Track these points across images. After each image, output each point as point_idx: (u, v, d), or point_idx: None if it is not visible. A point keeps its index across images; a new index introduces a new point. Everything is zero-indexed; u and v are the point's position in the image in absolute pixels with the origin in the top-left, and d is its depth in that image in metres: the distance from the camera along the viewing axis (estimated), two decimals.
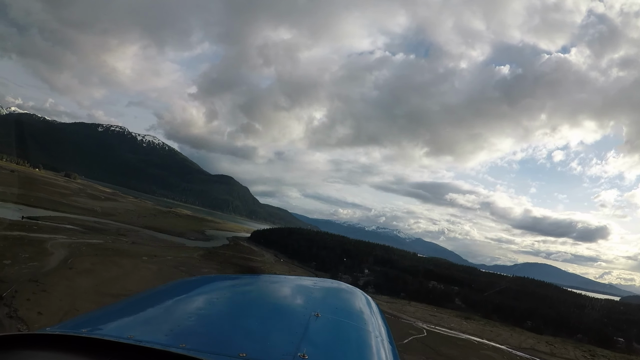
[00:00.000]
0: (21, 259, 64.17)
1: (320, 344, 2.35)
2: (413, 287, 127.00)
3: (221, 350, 1.93)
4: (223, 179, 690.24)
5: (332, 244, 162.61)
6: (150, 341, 1.92)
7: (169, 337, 2.06)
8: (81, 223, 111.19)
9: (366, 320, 3.20)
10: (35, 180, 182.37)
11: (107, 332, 2.15)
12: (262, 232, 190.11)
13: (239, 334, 2.30)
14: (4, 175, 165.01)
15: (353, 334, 2.82)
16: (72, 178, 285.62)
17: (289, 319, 2.70)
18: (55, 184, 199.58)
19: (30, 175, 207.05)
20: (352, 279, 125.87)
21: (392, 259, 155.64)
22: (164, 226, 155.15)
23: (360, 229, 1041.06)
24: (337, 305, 3.46)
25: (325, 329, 2.66)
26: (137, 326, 2.34)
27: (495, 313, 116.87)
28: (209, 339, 2.15)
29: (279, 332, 2.43)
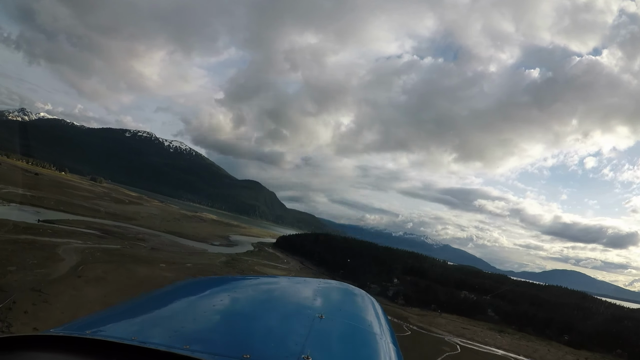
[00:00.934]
0: (28, 266, 60.47)
1: (324, 346, 2.37)
2: (444, 298, 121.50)
3: (225, 351, 1.95)
4: (250, 184, 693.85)
5: (360, 251, 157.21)
6: (154, 342, 1.94)
7: (173, 339, 2.08)
8: (100, 227, 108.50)
9: (370, 321, 3.23)
10: (58, 184, 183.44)
11: (111, 333, 2.17)
12: (288, 238, 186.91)
13: (243, 336, 2.31)
14: (27, 178, 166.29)
15: (357, 336, 2.85)
16: (97, 182, 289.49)
17: (293, 321, 2.71)
18: (78, 187, 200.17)
19: (54, 178, 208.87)
20: (381, 288, 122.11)
21: (422, 268, 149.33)
22: (187, 231, 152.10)
23: (387, 235, 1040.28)
24: (341, 307, 3.50)
25: (329, 330, 2.66)
26: (141, 327, 2.38)
27: (529, 325, 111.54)
28: (213, 340, 2.18)
29: (283, 333, 2.46)
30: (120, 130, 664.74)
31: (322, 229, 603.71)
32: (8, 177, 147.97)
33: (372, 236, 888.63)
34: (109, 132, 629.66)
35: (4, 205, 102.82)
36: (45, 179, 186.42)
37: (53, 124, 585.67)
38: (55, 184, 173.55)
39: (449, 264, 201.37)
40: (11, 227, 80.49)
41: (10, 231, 77.17)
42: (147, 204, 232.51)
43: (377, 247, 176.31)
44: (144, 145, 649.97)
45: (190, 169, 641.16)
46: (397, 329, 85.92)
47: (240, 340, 2.22)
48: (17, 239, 72.46)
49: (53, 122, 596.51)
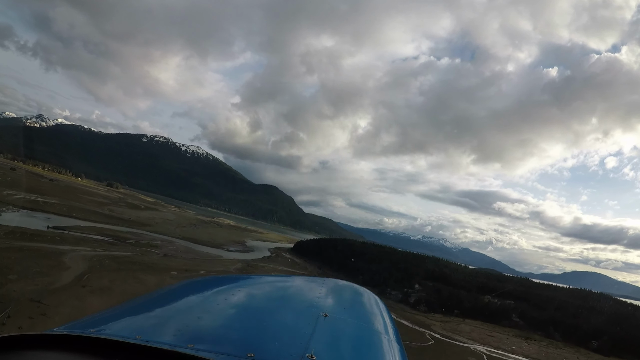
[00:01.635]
0: (30, 274, 57.79)
1: (328, 344, 2.39)
2: (467, 304, 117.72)
3: (229, 350, 1.97)
4: (267, 189, 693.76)
5: (380, 256, 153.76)
6: (158, 341, 1.96)
7: (177, 338, 2.10)
8: (112, 233, 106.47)
9: (374, 320, 3.28)
10: (73, 190, 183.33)
11: (115, 332, 2.20)
12: (305, 243, 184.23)
13: (247, 334, 2.33)
14: (41, 184, 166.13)
15: (361, 334, 2.88)
16: (114, 187, 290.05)
17: (297, 319, 2.74)
18: (93, 192, 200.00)
19: (69, 184, 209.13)
20: (402, 295, 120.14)
21: (444, 273, 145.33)
22: (202, 237, 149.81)
23: (406, 239, 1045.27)
24: (345, 305, 3.55)
25: (334, 329, 2.69)
26: (145, 326, 2.40)
27: (556, 331, 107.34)
28: (217, 339, 2.20)
29: (287, 332, 2.48)
30: (137, 136, 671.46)
31: (340, 233, 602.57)
32: (22, 183, 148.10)
33: (391, 240, 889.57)
34: (125, 138, 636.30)
35: (14, 211, 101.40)
36: (60, 185, 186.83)
37: (70, 130, 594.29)
38: (69, 190, 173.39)
39: (470, 267, 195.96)
40: (18, 234, 78.63)
41: (16, 238, 75.26)
42: (163, 209, 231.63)
43: (397, 251, 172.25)
44: (161, 150, 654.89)
45: (207, 173, 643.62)
46: (420, 338, 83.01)
47: (244, 339, 2.23)
48: (22, 246, 70.27)
49: (70, 128, 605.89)
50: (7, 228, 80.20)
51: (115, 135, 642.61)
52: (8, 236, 75.24)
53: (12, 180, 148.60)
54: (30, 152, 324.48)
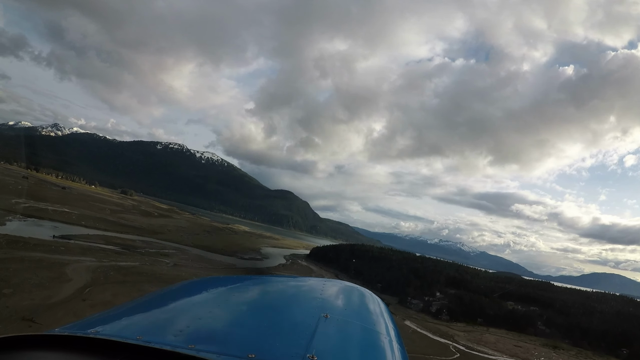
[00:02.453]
0: (27, 287, 54.22)
1: (329, 345, 2.41)
2: (490, 311, 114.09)
3: (230, 351, 1.99)
4: (283, 194, 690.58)
5: (398, 262, 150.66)
6: (159, 342, 1.98)
7: (178, 338, 2.11)
8: (121, 242, 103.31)
9: (375, 321, 3.32)
10: (85, 197, 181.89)
11: (115, 332, 2.21)
12: (321, 249, 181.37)
13: (248, 335, 2.35)
14: (53, 192, 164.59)
15: (362, 335, 2.90)
16: (128, 194, 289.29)
17: (298, 320, 2.77)
18: (106, 200, 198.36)
19: (82, 192, 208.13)
20: (423, 304, 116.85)
21: (465, 279, 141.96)
22: (216, 244, 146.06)
23: (423, 242, 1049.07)
24: (346, 306, 3.56)
25: (335, 330, 2.72)
26: (145, 327, 2.40)
27: (584, 339, 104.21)
28: (218, 339, 2.22)
29: (288, 333, 2.49)
30: (152, 143, 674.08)
31: (356, 238, 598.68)
32: (32, 191, 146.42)
33: (407, 244, 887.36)
34: (140, 145, 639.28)
35: (20, 220, 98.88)
36: (72, 193, 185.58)
37: (85, 138, 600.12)
38: (81, 198, 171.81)
39: (489, 271, 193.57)
40: (20, 243, 75.61)
41: (18, 248, 72.25)
42: (177, 216, 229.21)
43: (416, 257, 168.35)
44: (176, 157, 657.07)
45: (222, 180, 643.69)
46: (444, 352, 79.17)
47: (245, 339, 2.25)
48: (23, 257, 66.92)
49: (85, 137, 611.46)
50: (10, 237, 77.44)
51: (130, 143, 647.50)
52: (9, 246, 72.37)
53: (23, 188, 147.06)
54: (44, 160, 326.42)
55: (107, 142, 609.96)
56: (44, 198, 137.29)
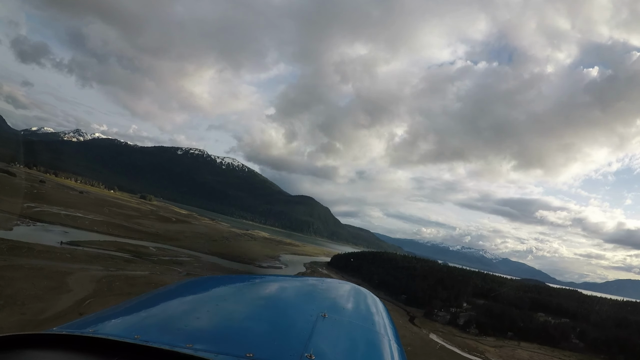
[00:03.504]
0: (20, 300, 49.51)
1: (327, 344, 2.41)
2: (521, 324, 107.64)
3: (228, 350, 1.99)
4: (304, 200, 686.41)
5: (422, 271, 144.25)
6: (157, 341, 1.98)
7: (176, 337, 2.11)
8: (133, 249, 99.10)
9: (373, 320, 3.36)
10: (102, 202, 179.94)
11: (113, 332, 2.21)
12: (343, 257, 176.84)
13: (246, 334, 2.36)
14: (69, 196, 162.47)
15: (360, 335, 2.92)
16: (147, 199, 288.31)
17: (296, 319, 2.78)
18: (123, 205, 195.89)
19: (99, 196, 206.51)
20: (451, 316, 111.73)
21: (492, 288, 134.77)
22: (234, 251, 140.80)
23: (445, 249, 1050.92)
24: (344, 306, 3.58)
25: (333, 329, 2.73)
26: (143, 326, 2.41)
27: (621, 353, 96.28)
28: (216, 339, 2.21)
29: (286, 332, 2.51)
30: (172, 149, 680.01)
31: (378, 245, 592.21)
32: (47, 195, 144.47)
33: (429, 251, 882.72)
34: (161, 151, 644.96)
35: (29, 225, 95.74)
36: (89, 197, 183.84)
37: (106, 143, 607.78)
38: (98, 203, 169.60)
39: (513, 278, 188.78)
40: (24, 250, 71.68)
41: (20, 255, 68.20)
42: (196, 222, 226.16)
43: (441, 266, 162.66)
44: (196, 162, 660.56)
45: (243, 185, 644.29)
46: None
47: (243, 338, 2.26)
48: (22, 265, 62.67)
49: (106, 142, 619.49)
50: (13, 243, 73.77)
51: (151, 149, 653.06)
52: (11, 252, 68.42)
53: (38, 192, 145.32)
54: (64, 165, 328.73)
55: (128, 148, 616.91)
56: (58, 202, 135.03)
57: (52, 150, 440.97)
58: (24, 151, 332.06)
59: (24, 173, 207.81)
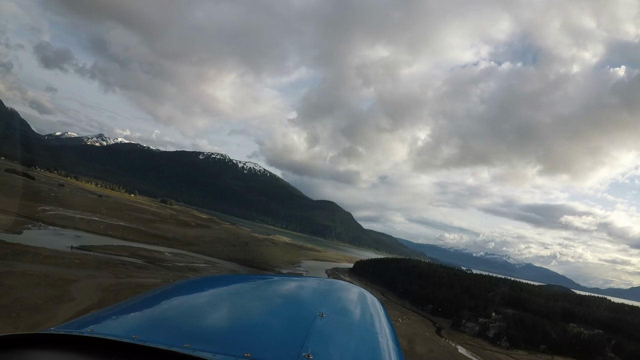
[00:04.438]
0: (16, 310, 45.93)
1: (325, 344, 2.43)
2: (554, 335, 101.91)
3: (226, 350, 1.99)
4: (325, 205, 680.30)
5: (449, 278, 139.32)
6: (155, 341, 1.98)
7: (174, 337, 2.11)
8: (147, 254, 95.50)
9: (371, 320, 3.37)
10: (121, 206, 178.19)
11: (111, 331, 2.21)
12: (366, 263, 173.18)
13: (244, 334, 2.36)
14: (88, 200, 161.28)
15: (358, 334, 2.94)
16: (167, 204, 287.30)
17: (294, 319, 2.80)
18: (142, 209, 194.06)
19: (119, 200, 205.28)
20: (480, 327, 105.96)
21: (522, 297, 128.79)
22: (253, 257, 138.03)
23: (468, 255, 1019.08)
24: (342, 305, 3.63)
25: (330, 329, 2.74)
26: (141, 326, 2.41)
27: None
28: (214, 338, 2.22)
29: (284, 332, 2.52)
30: (194, 153, 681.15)
31: (400, 250, 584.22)
32: (64, 198, 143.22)
33: (452, 257, 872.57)
34: (182, 155, 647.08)
35: (40, 228, 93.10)
36: (107, 201, 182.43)
37: (128, 148, 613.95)
38: (116, 207, 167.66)
39: (540, 285, 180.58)
40: (30, 255, 68.48)
41: (24, 260, 65.05)
42: (216, 226, 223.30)
43: (467, 274, 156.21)
44: (218, 167, 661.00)
45: (264, 190, 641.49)
46: None
47: (241, 338, 2.26)
48: (25, 271, 59.24)
49: (128, 147, 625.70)
50: (20, 247, 70.83)
51: (172, 153, 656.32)
52: (15, 257, 65.34)
53: (55, 196, 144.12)
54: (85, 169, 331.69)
55: (150, 152, 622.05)
56: (75, 206, 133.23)
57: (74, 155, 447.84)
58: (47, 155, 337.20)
59: (43, 176, 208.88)
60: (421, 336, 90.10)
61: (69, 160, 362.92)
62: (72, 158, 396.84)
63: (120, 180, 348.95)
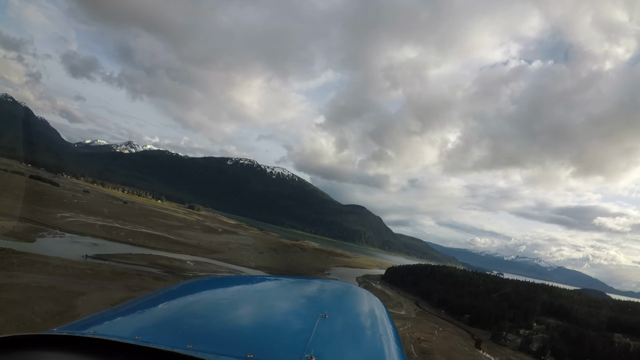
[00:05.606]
0: (9, 330, 40.05)
1: (328, 345, 2.44)
2: (602, 349, 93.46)
3: (228, 351, 2.02)
4: (355, 209, 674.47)
5: (484, 286, 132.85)
6: (158, 342, 2.00)
7: (176, 338, 2.13)
8: (167, 263, 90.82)
9: (374, 321, 3.34)
10: (146, 212, 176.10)
11: (114, 333, 2.22)
12: (398, 270, 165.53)
13: (246, 335, 2.39)
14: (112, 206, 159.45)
15: (361, 335, 2.94)
16: (195, 209, 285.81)
17: (297, 320, 2.81)
18: (168, 215, 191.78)
19: (144, 206, 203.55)
20: (522, 340, 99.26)
21: (563, 305, 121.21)
22: (280, 265, 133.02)
23: (499, 259, 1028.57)
24: (344, 306, 3.67)
25: (333, 329, 2.76)
26: (144, 327, 2.42)
27: None
28: (216, 340, 2.23)
29: (287, 333, 2.54)
30: (222, 159, 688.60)
31: (431, 255, 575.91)
32: (87, 205, 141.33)
33: (483, 261, 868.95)
34: (210, 161, 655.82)
35: (55, 236, 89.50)
36: (133, 207, 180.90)
37: (157, 155, 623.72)
38: (140, 213, 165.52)
39: (574, 289, 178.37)
40: (38, 265, 64.14)
41: (30, 271, 60.80)
42: (244, 232, 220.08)
43: (504, 281, 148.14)
44: (246, 172, 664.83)
45: (293, 195, 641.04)
46: None
47: (243, 339, 2.28)
48: (29, 284, 54.86)
49: (157, 153, 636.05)
50: (29, 257, 66.77)
51: (201, 159, 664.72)
52: (21, 268, 61.14)
53: (78, 202, 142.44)
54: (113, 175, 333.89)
55: (179, 159, 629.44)
56: (96, 212, 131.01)
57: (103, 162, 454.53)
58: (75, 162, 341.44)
59: (69, 183, 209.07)
60: (459, 351, 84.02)
61: (97, 167, 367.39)
62: (101, 165, 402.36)
63: (148, 186, 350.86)
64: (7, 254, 65.67)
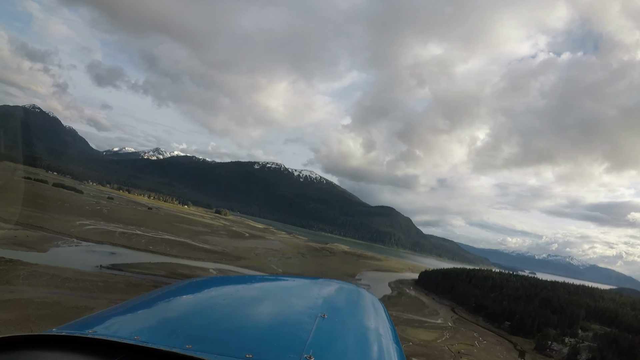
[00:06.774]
0: None
1: (327, 345, 2.45)
2: None
3: (227, 351, 2.03)
4: (384, 211, 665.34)
5: (523, 289, 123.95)
6: (157, 342, 2.01)
7: (176, 338, 2.14)
8: (188, 272, 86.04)
9: (373, 321, 3.35)
10: (171, 218, 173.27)
11: (113, 333, 2.24)
12: (432, 274, 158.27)
13: (246, 335, 2.40)
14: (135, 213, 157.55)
15: (360, 335, 2.95)
16: (222, 214, 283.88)
17: (296, 320, 2.81)
18: (193, 221, 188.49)
19: (169, 212, 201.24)
20: (569, 350, 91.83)
21: (609, 309, 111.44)
22: (308, 270, 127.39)
23: (530, 258, 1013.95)
24: (343, 306, 3.70)
25: (332, 329, 2.77)
26: (143, 327, 2.43)
27: None
28: (215, 340, 2.24)
29: (286, 333, 2.55)
30: (249, 163, 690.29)
31: (462, 256, 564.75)
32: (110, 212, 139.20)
33: (515, 260, 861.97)
34: (237, 166, 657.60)
35: (71, 245, 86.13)
36: (157, 213, 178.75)
37: (184, 160, 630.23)
38: (164, 219, 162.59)
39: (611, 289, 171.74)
40: (45, 278, 59.80)
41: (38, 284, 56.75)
42: (271, 236, 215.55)
43: (545, 283, 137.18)
44: (274, 176, 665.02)
45: (321, 197, 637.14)
46: None
47: (242, 339, 2.29)
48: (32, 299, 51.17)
49: (184, 159, 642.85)
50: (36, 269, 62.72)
51: (228, 164, 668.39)
52: (28, 280, 57.14)
53: (100, 209, 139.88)
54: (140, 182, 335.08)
55: (206, 164, 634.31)
56: (118, 219, 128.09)
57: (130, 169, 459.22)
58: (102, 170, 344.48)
59: (94, 190, 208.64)
60: None
61: (124, 174, 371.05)
62: (128, 172, 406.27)
63: (176, 192, 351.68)
64: (13, 266, 61.92)
